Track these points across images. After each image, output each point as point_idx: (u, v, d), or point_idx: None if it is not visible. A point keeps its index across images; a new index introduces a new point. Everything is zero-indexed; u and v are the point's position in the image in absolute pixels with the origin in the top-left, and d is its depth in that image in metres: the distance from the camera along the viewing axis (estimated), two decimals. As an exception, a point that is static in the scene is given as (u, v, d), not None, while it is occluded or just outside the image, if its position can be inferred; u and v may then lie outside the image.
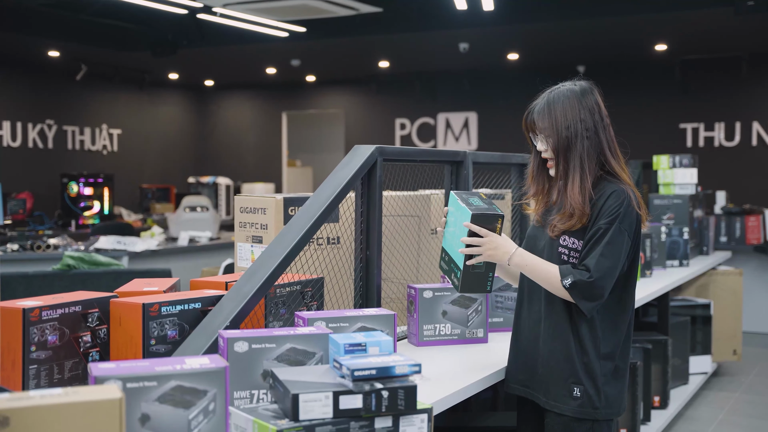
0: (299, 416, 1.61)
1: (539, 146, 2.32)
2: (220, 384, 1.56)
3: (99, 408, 1.28)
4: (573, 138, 2.25)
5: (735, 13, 6.60)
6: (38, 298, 2.02)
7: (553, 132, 2.27)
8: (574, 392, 2.28)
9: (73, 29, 8.45)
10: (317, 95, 12.17)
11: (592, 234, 2.23)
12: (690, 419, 4.98)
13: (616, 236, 2.20)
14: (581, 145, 2.25)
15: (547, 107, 2.29)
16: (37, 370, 1.92)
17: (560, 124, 2.26)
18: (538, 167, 2.38)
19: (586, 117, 2.27)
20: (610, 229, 2.20)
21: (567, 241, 2.27)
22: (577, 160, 2.25)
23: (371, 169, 2.64)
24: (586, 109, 2.28)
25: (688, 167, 5.86)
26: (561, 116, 2.27)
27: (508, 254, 2.25)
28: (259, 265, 2.20)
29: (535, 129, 2.31)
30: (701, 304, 5.59)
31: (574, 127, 2.26)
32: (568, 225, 2.25)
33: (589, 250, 2.22)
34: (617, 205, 2.21)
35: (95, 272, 5.40)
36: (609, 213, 2.21)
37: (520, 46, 9.18)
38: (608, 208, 2.22)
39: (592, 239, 2.22)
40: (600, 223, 2.21)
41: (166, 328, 2.02)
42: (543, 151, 2.32)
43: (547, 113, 2.29)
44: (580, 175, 2.25)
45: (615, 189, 2.24)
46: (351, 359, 1.72)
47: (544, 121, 2.29)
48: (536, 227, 2.40)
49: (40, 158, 10.34)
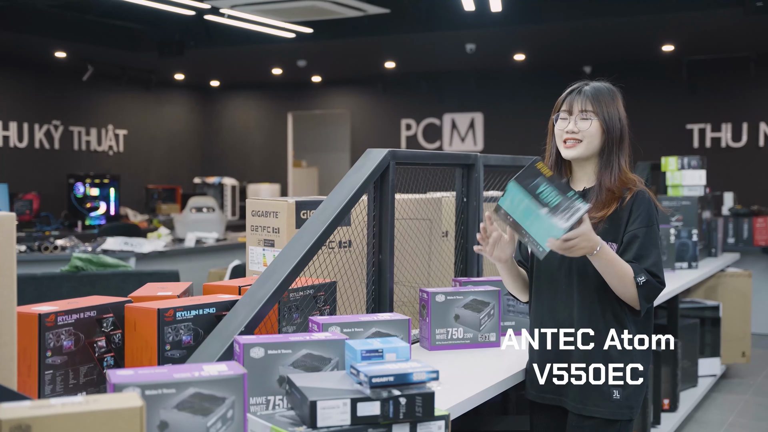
0: (317, 423, 1.60)
1: (571, 126, 2.30)
2: (238, 391, 1.56)
3: (120, 416, 1.27)
4: (624, 131, 2.32)
5: (744, 14, 6.58)
6: (53, 303, 2.01)
7: (608, 117, 2.28)
8: (614, 395, 2.27)
9: (81, 30, 8.46)
10: (323, 95, 12.17)
11: (629, 240, 2.24)
12: (700, 422, 4.97)
13: (657, 239, 2.26)
14: (627, 141, 2.33)
15: (600, 94, 2.31)
16: (52, 376, 1.91)
17: (614, 113, 2.30)
18: (557, 158, 2.37)
19: (624, 115, 2.35)
20: (653, 230, 2.25)
21: (613, 247, 2.26)
22: (625, 153, 2.32)
23: (384, 173, 2.63)
24: (623, 109, 2.36)
25: (697, 169, 5.85)
26: (614, 107, 2.31)
27: (597, 246, 2.15)
28: (273, 269, 2.20)
29: (582, 109, 2.30)
30: (710, 306, 5.58)
31: (623, 121, 2.32)
32: (604, 213, 2.25)
33: (641, 250, 2.23)
34: (647, 206, 2.26)
35: (103, 273, 5.40)
36: (642, 216, 2.25)
37: (527, 47, 9.16)
38: (637, 210, 2.25)
39: (635, 242, 2.24)
40: (635, 227, 2.24)
41: (180, 333, 2.02)
42: (573, 132, 2.30)
43: (601, 99, 2.30)
44: (622, 165, 2.30)
45: (640, 189, 2.29)
46: (368, 366, 1.71)
47: (597, 104, 2.29)
48: None
49: (47, 159, 10.36)
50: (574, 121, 2.30)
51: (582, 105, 2.30)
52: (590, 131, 2.29)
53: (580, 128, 2.29)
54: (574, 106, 2.31)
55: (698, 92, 9.55)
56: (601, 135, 2.29)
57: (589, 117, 2.29)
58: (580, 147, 2.30)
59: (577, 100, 2.30)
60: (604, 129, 2.29)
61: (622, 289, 2.22)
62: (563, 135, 2.31)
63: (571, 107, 2.31)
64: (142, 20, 8.16)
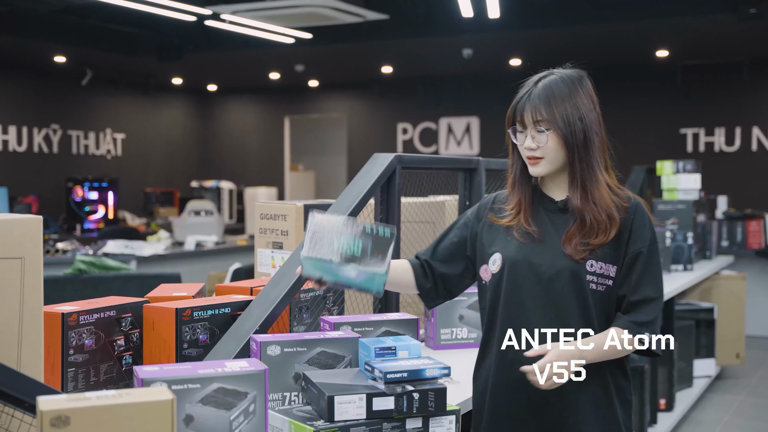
0: (335, 417, 1.67)
1: (528, 142, 1.91)
2: (259, 386, 1.63)
3: (152, 408, 1.34)
4: (589, 131, 1.91)
5: (737, 20, 6.68)
6: (74, 303, 2.08)
7: (564, 124, 1.88)
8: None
9: (81, 34, 8.51)
10: (320, 100, 12.25)
11: (633, 260, 1.88)
12: (696, 422, 5.05)
13: (658, 256, 1.93)
14: (596, 139, 1.93)
15: (551, 94, 1.91)
16: (75, 373, 1.98)
17: (572, 115, 1.90)
18: (522, 171, 1.99)
19: (591, 107, 1.95)
20: (654, 250, 1.91)
21: (595, 267, 1.88)
22: (597, 157, 1.92)
23: (390, 177, 2.70)
24: (589, 99, 1.96)
25: (692, 173, 5.93)
26: (570, 106, 1.91)
27: (580, 357, 1.82)
28: (285, 271, 2.26)
29: (533, 120, 1.91)
30: (705, 308, 5.66)
31: (587, 119, 1.92)
32: (602, 239, 1.88)
33: (640, 281, 1.88)
34: (649, 221, 1.94)
35: (106, 276, 5.46)
36: (645, 232, 1.91)
37: (523, 52, 9.25)
38: (641, 225, 1.91)
39: (639, 267, 1.88)
40: (640, 246, 1.89)
41: (197, 332, 2.08)
42: (531, 149, 1.91)
43: (552, 101, 1.90)
44: (603, 173, 1.92)
45: (635, 200, 1.95)
46: (382, 362, 1.78)
47: (549, 111, 1.89)
48: (524, 247, 1.93)
49: (46, 163, 10.40)
50: (530, 135, 1.92)
51: (533, 114, 1.91)
52: (549, 146, 1.90)
53: (538, 143, 1.91)
54: (526, 116, 1.92)
55: (692, 97, 9.65)
56: (563, 147, 1.90)
57: (544, 128, 1.90)
58: (543, 164, 1.92)
59: (528, 108, 1.91)
60: (562, 139, 1.90)
61: (624, 354, 1.91)
62: (525, 152, 1.95)
63: (523, 118, 1.93)
64: (141, 25, 8.22)
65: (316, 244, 1.79)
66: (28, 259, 1.67)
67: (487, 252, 1.99)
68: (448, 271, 2.06)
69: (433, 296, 2.09)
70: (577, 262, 1.87)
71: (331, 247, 1.78)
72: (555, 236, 1.92)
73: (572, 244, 1.88)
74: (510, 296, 1.93)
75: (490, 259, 1.98)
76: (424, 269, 2.07)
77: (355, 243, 1.77)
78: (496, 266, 1.96)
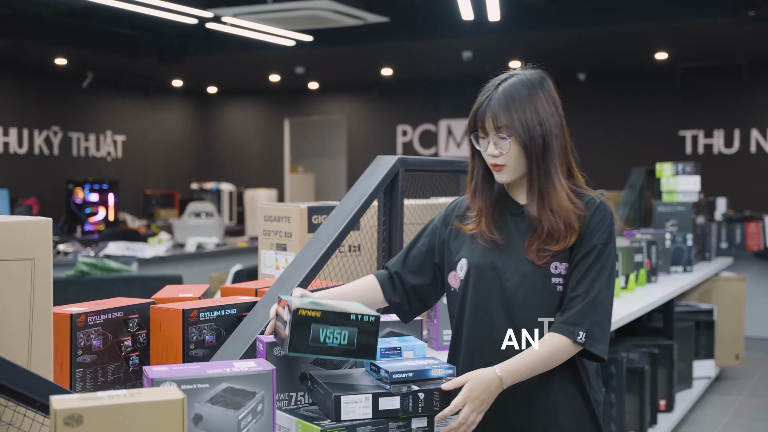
0: (341, 417, 1.69)
1: (491, 149, 1.87)
2: (267, 386, 1.65)
3: (164, 408, 1.36)
4: (548, 136, 1.86)
5: (736, 23, 6.72)
6: (81, 304, 2.10)
7: (523, 130, 1.84)
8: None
9: (81, 37, 8.54)
10: (320, 102, 12.28)
11: (583, 256, 1.84)
12: (695, 422, 5.07)
13: (612, 259, 1.87)
14: (556, 144, 1.87)
15: (511, 99, 1.86)
16: (83, 374, 2.00)
17: (531, 120, 1.85)
18: (484, 178, 1.95)
19: (553, 111, 1.89)
20: (606, 251, 1.85)
21: (560, 268, 1.85)
22: (557, 164, 1.87)
23: (393, 180, 2.73)
24: (551, 101, 1.90)
25: (691, 175, 5.96)
26: (530, 110, 1.85)
27: (498, 385, 1.77)
28: (290, 272, 2.29)
29: (495, 126, 1.86)
30: (704, 309, 5.69)
31: (547, 123, 1.86)
32: (563, 245, 1.84)
33: (584, 278, 1.83)
34: (609, 221, 1.87)
35: (108, 278, 5.49)
36: (602, 231, 1.85)
37: (523, 54, 9.28)
38: (599, 224, 1.85)
39: (586, 263, 1.83)
40: (594, 242, 1.84)
41: (204, 333, 2.10)
42: (494, 156, 1.87)
43: (512, 106, 1.85)
44: (561, 180, 1.87)
45: (599, 201, 1.89)
46: (388, 362, 1.80)
47: (509, 117, 1.84)
48: (488, 253, 1.90)
49: (46, 164, 10.43)
50: (492, 141, 1.88)
51: (494, 120, 1.86)
52: (511, 153, 1.86)
53: (501, 150, 1.87)
54: (487, 123, 1.87)
55: (691, 99, 9.69)
56: (523, 153, 1.86)
57: (506, 135, 1.85)
58: (507, 172, 1.88)
59: (488, 114, 1.87)
60: (521, 146, 1.85)
61: (562, 360, 1.83)
62: (488, 159, 1.90)
63: (484, 124, 1.88)
64: (142, 27, 8.24)
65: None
66: (38, 261, 1.70)
67: (454, 259, 1.96)
68: (420, 281, 2.01)
69: (406, 310, 2.03)
70: (540, 266, 1.84)
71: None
72: (519, 241, 1.88)
73: (533, 250, 1.85)
74: (477, 302, 1.90)
75: (458, 266, 1.95)
76: (393, 282, 2.02)
77: (341, 333, 1.72)
78: (463, 272, 1.93)
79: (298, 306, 1.69)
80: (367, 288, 2.01)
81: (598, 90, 10.02)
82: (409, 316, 2.05)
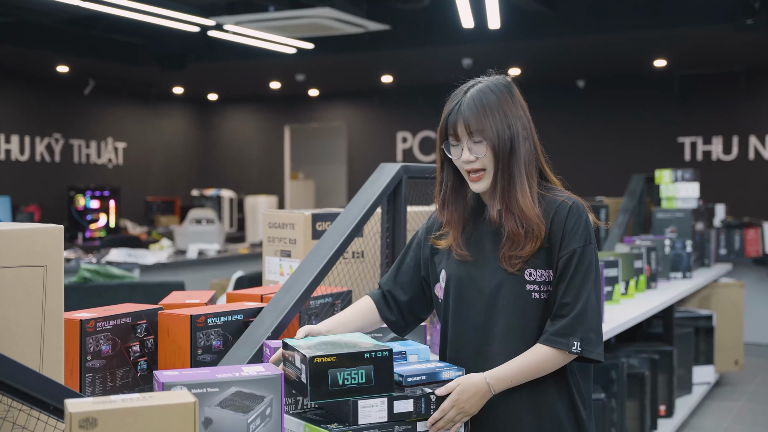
0: (358, 421, 1.71)
1: (466, 155, 1.86)
2: (275, 390, 1.68)
3: (176, 411, 1.39)
4: (515, 139, 1.85)
5: (734, 31, 6.76)
6: (90, 310, 2.13)
7: (493, 133, 1.84)
8: None
9: (83, 44, 8.58)
10: (320, 109, 12.32)
11: (565, 262, 1.82)
12: (695, 428, 5.10)
13: (595, 260, 1.85)
14: (523, 148, 1.87)
15: (480, 104, 1.86)
16: (92, 378, 2.03)
17: (500, 124, 1.84)
18: (452, 189, 1.95)
19: (521, 114, 1.89)
20: (586, 253, 1.82)
21: (534, 275, 1.84)
22: (523, 167, 1.86)
23: (397, 187, 2.76)
24: (518, 105, 1.90)
25: (690, 181, 6.00)
26: (499, 114, 1.85)
27: (486, 391, 1.80)
28: (295, 278, 2.32)
29: (467, 131, 1.86)
30: (704, 315, 5.71)
31: (514, 127, 1.86)
32: (529, 250, 1.82)
33: (570, 284, 1.81)
34: (585, 222, 1.85)
35: (110, 285, 5.51)
36: (579, 234, 1.83)
37: (522, 61, 9.33)
38: (575, 226, 1.83)
39: (570, 269, 1.81)
40: (573, 246, 1.82)
41: (211, 338, 2.13)
42: (470, 161, 1.87)
43: (482, 111, 1.85)
44: (528, 183, 1.86)
45: (572, 201, 1.87)
46: (398, 366, 1.83)
47: (480, 121, 1.84)
48: (465, 264, 1.92)
49: (48, 171, 10.46)
50: (465, 147, 1.87)
51: (466, 125, 1.85)
52: (488, 157, 1.86)
53: (476, 154, 1.86)
54: (459, 128, 1.86)
55: (690, 106, 9.74)
56: (493, 158, 1.86)
57: (479, 138, 1.85)
58: (486, 178, 1.88)
59: (460, 119, 1.86)
60: (492, 150, 1.85)
61: (553, 369, 1.84)
62: (464, 166, 1.88)
63: (456, 130, 1.87)
64: (144, 35, 8.29)
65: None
66: (50, 267, 1.73)
67: (437, 271, 2.00)
68: (411, 297, 2.05)
69: (401, 326, 2.07)
70: (513, 273, 1.84)
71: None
72: (493, 248, 1.88)
73: (506, 258, 1.85)
74: (457, 312, 1.92)
75: (440, 276, 1.98)
76: (387, 301, 2.06)
77: (358, 373, 1.73)
78: (444, 283, 1.96)
79: (312, 355, 1.69)
80: (365, 311, 2.05)
81: (598, 97, 10.07)
82: (405, 331, 2.10)
